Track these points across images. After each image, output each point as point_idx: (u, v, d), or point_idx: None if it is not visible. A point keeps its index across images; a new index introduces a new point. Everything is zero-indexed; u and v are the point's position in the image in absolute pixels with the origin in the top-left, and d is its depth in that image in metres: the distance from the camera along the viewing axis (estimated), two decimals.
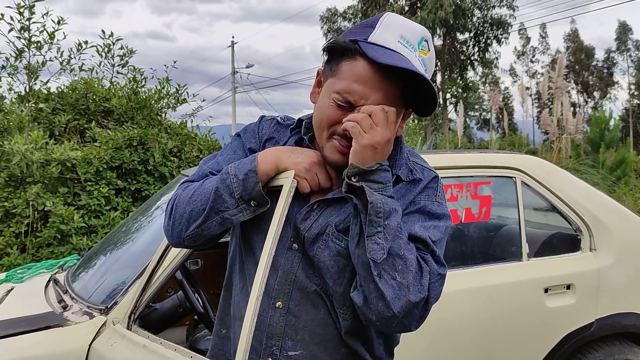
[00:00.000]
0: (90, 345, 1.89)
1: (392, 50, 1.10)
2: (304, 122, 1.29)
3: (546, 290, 2.48)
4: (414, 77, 1.08)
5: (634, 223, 2.75)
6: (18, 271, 2.81)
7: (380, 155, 1.08)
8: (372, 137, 1.06)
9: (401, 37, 1.12)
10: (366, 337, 1.24)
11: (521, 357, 2.46)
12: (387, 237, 1.06)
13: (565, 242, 2.68)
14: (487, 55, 26.46)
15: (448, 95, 26.05)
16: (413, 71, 1.06)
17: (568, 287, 2.52)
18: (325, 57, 1.18)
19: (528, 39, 44.05)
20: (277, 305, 1.20)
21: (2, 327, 1.96)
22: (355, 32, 1.15)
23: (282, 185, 1.17)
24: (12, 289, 2.53)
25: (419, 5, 24.51)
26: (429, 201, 1.21)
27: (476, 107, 30.17)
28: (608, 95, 44.59)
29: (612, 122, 10.62)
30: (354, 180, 1.08)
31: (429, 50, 1.15)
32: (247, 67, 32.79)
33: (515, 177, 2.61)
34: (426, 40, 1.14)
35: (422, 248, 1.13)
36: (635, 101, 43.87)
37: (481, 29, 25.59)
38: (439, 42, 25.79)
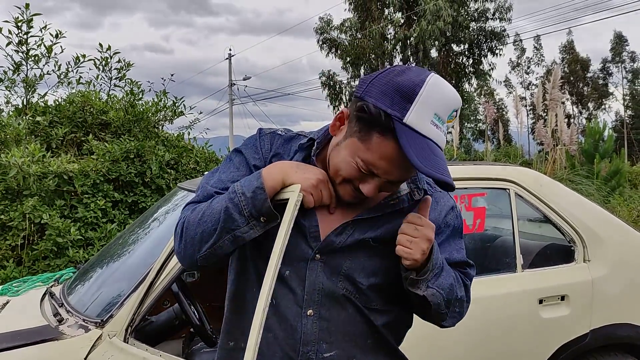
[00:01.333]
0: (85, 358, 1.90)
1: (424, 136, 1.11)
2: (315, 143, 1.29)
3: (541, 302, 2.49)
4: None
5: (628, 234, 2.77)
6: (14, 284, 2.82)
7: (426, 251, 1.18)
8: (418, 249, 1.16)
9: (435, 115, 1.11)
10: (396, 327, 1.35)
11: None
12: (442, 295, 1.22)
13: (559, 253, 2.70)
14: (481, 67, 26.64)
15: None
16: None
17: (562, 298, 2.53)
18: (356, 110, 1.16)
19: (523, 50, 44.37)
20: (308, 314, 1.24)
21: None
22: (392, 100, 1.11)
23: (287, 199, 1.18)
24: (7, 303, 2.53)
25: (414, 18, 24.70)
26: (457, 220, 1.34)
27: (472, 118, 30.31)
28: (602, 106, 44.88)
29: (606, 133, 10.69)
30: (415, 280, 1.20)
31: (456, 117, 1.16)
32: (244, 79, 32.92)
33: (509, 189, 2.64)
34: (456, 111, 1.15)
35: (464, 267, 1.32)
36: (629, 112, 44.16)
37: (476, 40, 25.79)
38: (434, 53, 25.98)
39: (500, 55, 26.26)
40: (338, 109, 27.75)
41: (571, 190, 2.82)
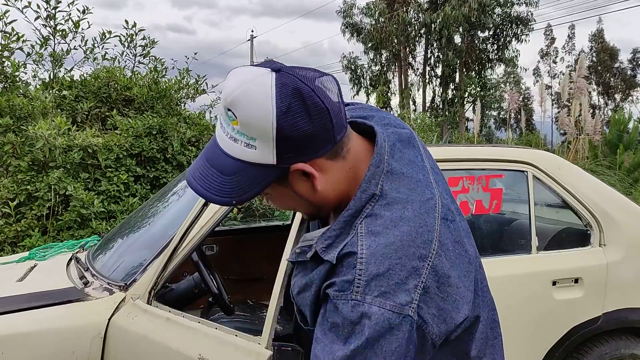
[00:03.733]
0: (109, 319, 1.98)
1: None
2: None
3: (554, 283, 2.51)
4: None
5: None
6: (41, 250, 2.92)
7: None
8: None
9: (222, 117, 0.96)
10: None
11: (528, 348, 2.50)
12: None
13: (575, 236, 2.71)
14: (506, 54, 26.23)
15: (465, 94, 25.88)
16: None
17: (576, 280, 2.55)
18: None
19: (553, 40, 43.53)
20: None
21: (26, 300, 2.05)
22: None
23: None
24: (35, 266, 2.64)
25: (440, 1, 24.36)
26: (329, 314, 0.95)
27: (495, 106, 29.93)
28: (630, 98, 43.92)
29: (631, 124, 10.51)
30: None
31: (236, 118, 0.91)
32: (266, 61, 32.90)
33: (527, 171, 2.65)
34: (229, 109, 0.92)
35: None
36: None
37: (501, 26, 25.37)
38: (458, 39, 25.63)
39: (526, 41, 25.81)
40: (357, 94, 27.77)
41: (589, 175, 2.81)
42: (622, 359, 2.62)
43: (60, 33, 5.72)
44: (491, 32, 25.69)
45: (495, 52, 26.26)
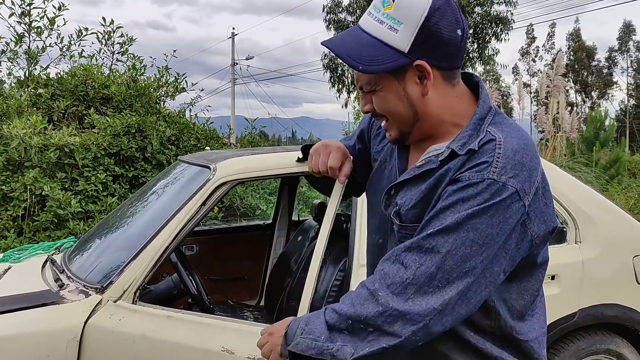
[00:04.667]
0: (85, 322, 1.95)
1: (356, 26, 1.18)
2: None
3: None
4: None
5: (620, 217, 2.81)
6: (15, 251, 2.87)
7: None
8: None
9: (373, 6, 1.14)
10: None
11: None
12: (318, 338, 1.14)
13: None
14: (485, 52, 26.50)
15: None
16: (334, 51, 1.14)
17: (553, 277, 2.58)
18: None
19: (533, 38, 44.09)
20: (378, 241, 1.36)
21: (0, 303, 2.01)
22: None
23: None
24: (9, 268, 2.59)
25: None
26: (457, 194, 1.09)
27: None
28: (606, 95, 44.71)
29: (607, 122, 10.69)
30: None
31: (393, 2, 1.09)
32: (247, 59, 32.75)
33: None
34: None
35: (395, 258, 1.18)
36: (632, 101, 43.99)
37: (481, 25, 25.61)
38: None
39: (505, 40, 26.10)
40: (341, 92, 27.79)
41: (566, 173, 2.86)
42: (597, 354, 2.66)
43: (36, 30, 5.63)
44: (471, 31, 25.91)
45: (476, 50, 26.50)
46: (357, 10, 26.09)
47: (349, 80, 27.78)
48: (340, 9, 26.86)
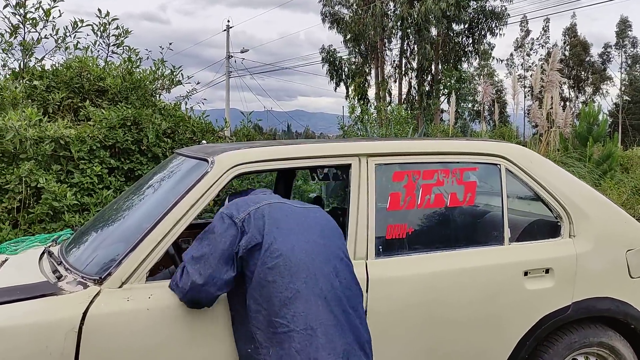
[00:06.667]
0: (84, 313, 1.96)
1: None
2: None
3: (526, 274, 2.57)
4: None
5: (613, 212, 2.84)
6: (12, 243, 2.87)
7: None
8: None
9: None
10: None
11: (500, 337, 2.56)
12: None
13: (545, 228, 2.77)
14: (480, 47, 26.52)
15: (441, 86, 26.07)
16: None
17: (547, 271, 2.61)
18: None
19: (528, 32, 44.07)
20: None
21: None
22: None
23: None
24: (6, 260, 2.59)
25: None
26: None
27: (469, 98, 30.20)
28: (600, 91, 44.84)
29: (600, 117, 10.74)
30: None
31: None
32: (242, 52, 32.59)
33: (500, 164, 2.70)
34: None
35: None
36: (626, 97, 44.15)
37: (476, 20, 25.61)
38: (434, 32, 25.78)
39: (500, 35, 26.12)
40: (339, 85, 27.75)
41: (560, 168, 2.88)
42: (590, 347, 2.70)
43: (31, 21, 5.58)
44: (466, 26, 25.90)
45: (471, 44, 26.51)
46: (353, 4, 26.03)
47: (346, 73, 27.73)
48: (336, 2, 26.77)
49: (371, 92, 28.11)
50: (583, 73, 44.55)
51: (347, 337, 1.93)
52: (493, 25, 25.62)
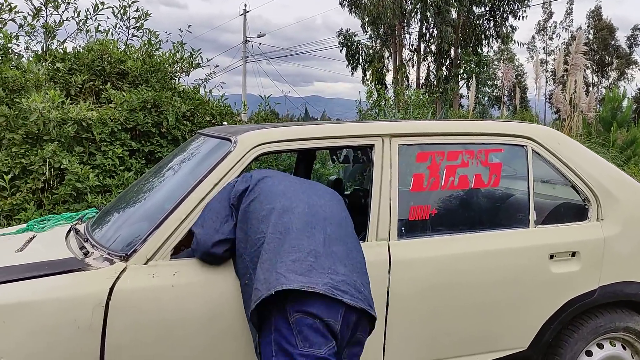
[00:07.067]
0: (111, 288, 1.98)
1: None
2: None
3: (551, 257, 2.54)
4: None
5: None
6: (38, 221, 2.90)
7: None
8: None
9: None
10: None
11: (524, 320, 2.53)
12: None
13: (572, 211, 2.73)
14: (502, 30, 26.06)
15: (460, 71, 25.73)
16: None
17: (573, 254, 2.57)
18: None
19: (550, 14, 43.10)
20: None
21: (27, 269, 2.05)
22: None
23: None
24: (34, 237, 2.63)
25: None
26: None
27: (488, 83, 29.76)
28: (625, 76, 43.85)
29: (625, 102, 10.52)
30: None
31: None
32: (259, 36, 32.45)
33: (526, 146, 2.65)
34: None
35: None
36: None
37: (497, 2, 25.15)
38: (454, 14, 25.40)
39: (523, 17, 25.63)
40: (355, 70, 27.55)
41: (588, 150, 2.82)
42: (616, 332, 2.66)
43: (53, 4, 5.61)
44: (487, 8, 25.47)
45: (492, 28, 26.08)
46: None
47: (363, 58, 27.51)
48: None
49: (388, 78, 27.91)
50: (607, 57, 43.57)
51: (329, 247, 1.92)
52: (515, 8, 25.14)
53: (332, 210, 2.13)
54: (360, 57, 27.50)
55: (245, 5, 33.12)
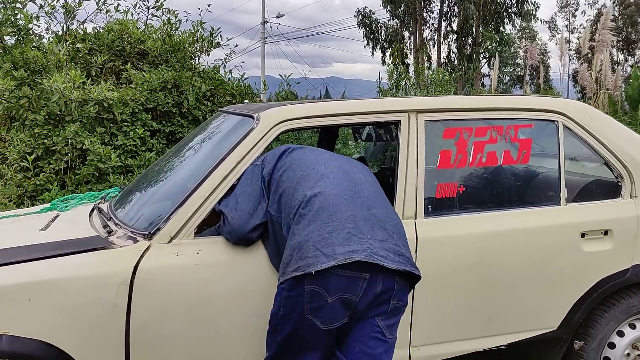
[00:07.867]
0: (135, 267, 1.97)
1: None
2: None
3: (583, 235, 2.46)
4: None
5: None
6: (62, 201, 2.91)
7: None
8: None
9: None
10: None
11: (554, 300, 2.47)
12: None
13: (605, 188, 2.64)
14: (524, 7, 25.47)
15: (482, 49, 25.26)
16: None
17: (605, 232, 2.49)
18: None
19: None
20: None
21: (51, 247, 2.05)
22: None
23: None
24: (57, 216, 2.63)
25: None
26: None
27: (510, 62, 29.17)
28: None
29: None
30: None
31: None
32: (278, 17, 32.21)
33: (557, 121, 2.56)
34: None
35: None
36: None
37: None
38: None
39: None
40: (375, 50, 27.23)
41: (621, 125, 2.72)
42: None
43: None
44: None
45: (514, 5, 25.50)
46: None
47: (382, 38, 27.17)
48: None
49: (410, 56, 27.51)
50: (634, 35, 42.36)
51: (369, 209, 1.92)
52: None
53: (366, 176, 2.12)
54: (380, 36, 27.15)
55: None
